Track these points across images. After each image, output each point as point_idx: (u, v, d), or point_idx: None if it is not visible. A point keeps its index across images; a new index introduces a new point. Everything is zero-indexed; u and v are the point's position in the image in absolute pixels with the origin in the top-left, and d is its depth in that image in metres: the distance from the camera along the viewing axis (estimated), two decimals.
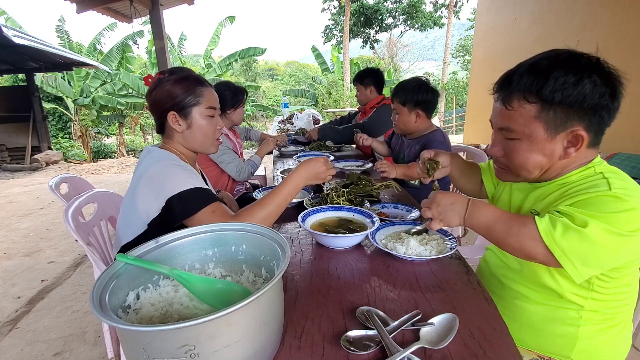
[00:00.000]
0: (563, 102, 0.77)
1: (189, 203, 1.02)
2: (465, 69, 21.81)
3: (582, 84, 0.75)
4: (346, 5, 16.75)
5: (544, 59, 0.80)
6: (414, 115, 1.92)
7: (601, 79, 0.76)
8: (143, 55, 13.58)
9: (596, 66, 0.77)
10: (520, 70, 0.82)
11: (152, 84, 1.17)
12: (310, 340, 0.69)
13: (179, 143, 1.21)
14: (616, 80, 0.77)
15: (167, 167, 1.08)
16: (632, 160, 2.97)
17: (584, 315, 0.86)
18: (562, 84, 0.76)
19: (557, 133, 0.80)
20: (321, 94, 13.94)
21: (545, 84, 0.78)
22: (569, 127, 0.79)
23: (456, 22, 24.34)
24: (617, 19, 3.82)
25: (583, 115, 0.78)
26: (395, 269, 0.96)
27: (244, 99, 2.38)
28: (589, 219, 0.71)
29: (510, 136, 0.86)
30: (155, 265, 0.65)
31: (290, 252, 0.66)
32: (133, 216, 1.07)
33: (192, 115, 1.17)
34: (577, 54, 0.79)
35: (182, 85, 1.15)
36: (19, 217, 4.21)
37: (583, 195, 0.77)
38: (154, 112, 1.19)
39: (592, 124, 0.79)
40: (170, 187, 1.03)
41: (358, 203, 1.39)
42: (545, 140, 0.82)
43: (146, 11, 5.69)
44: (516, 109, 0.82)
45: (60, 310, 2.26)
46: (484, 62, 7.03)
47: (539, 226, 0.75)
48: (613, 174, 0.80)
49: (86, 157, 10.18)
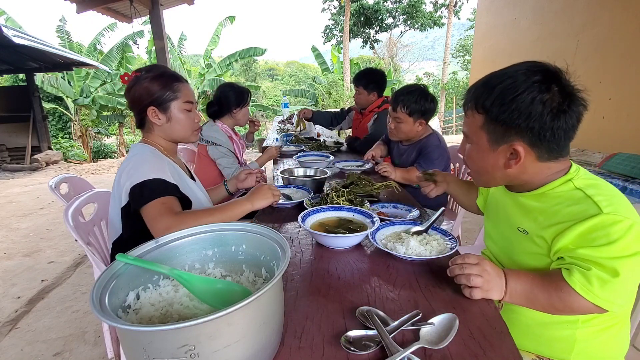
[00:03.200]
0: (499, 117, 0.79)
1: (148, 191, 1.08)
2: (465, 69, 21.82)
3: (518, 100, 0.76)
4: (346, 5, 16.75)
5: (502, 72, 0.82)
6: (418, 124, 1.92)
7: (547, 97, 0.75)
8: (143, 55, 13.57)
9: (547, 84, 0.76)
10: (481, 80, 0.85)
11: (130, 81, 1.23)
12: (310, 340, 0.69)
13: (158, 136, 1.29)
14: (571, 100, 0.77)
15: (138, 159, 1.17)
16: (632, 160, 2.97)
17: (581, 318, 0.86)
18: (500, 98, 0.78)
19: (498, 145, 0.83)
20: (321, 94, 13.93)
21: (488, 96, 0.80)
22: (508, 141, 0.81)
23: (456, 22, 24.36)
24: (617, 19, 3.82)
25: (521, 132, 0.79)
26: (395, 269, 0.96)
27: (248, 98, 2.41)
28: (616, 264, 0.73)
29: (467, 141, 0.92)
30: (155, 265, 0.65)
31: (290, 252, 0.66)
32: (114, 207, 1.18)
33: (171, 109, 1.25)
34: (536, 70, 0.78)
35: (159, 82, 1.22)
36: (19, 217, 4.21)
37: (580, 226, 0.76)
38: (134, 108, 1.26)
39: (533, 142, 0.79)
40: (137, 175, 1.10)
41: (358, 203, 1.39)
42: (488, 150, 0.85)
43: (146, 11, 5.69)
44: (469, 116, 0.87)
45: (60, 310, 2.26)
46: (484, 62, 7.03)
47: (576, 287, 0.75)
48: (593, 189, 0.80)
49: (86, 157, 10.19)
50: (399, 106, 1.89)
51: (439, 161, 1.89)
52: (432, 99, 1.89)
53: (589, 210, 0.76)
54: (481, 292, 0.81)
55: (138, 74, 1.23)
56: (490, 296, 0.81)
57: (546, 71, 0.78)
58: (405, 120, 1.92)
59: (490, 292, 0.81)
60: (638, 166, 2.87)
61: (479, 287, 0.81)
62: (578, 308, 0.77)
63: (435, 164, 1.87)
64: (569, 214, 0.80)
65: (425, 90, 1.92)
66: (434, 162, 1.88)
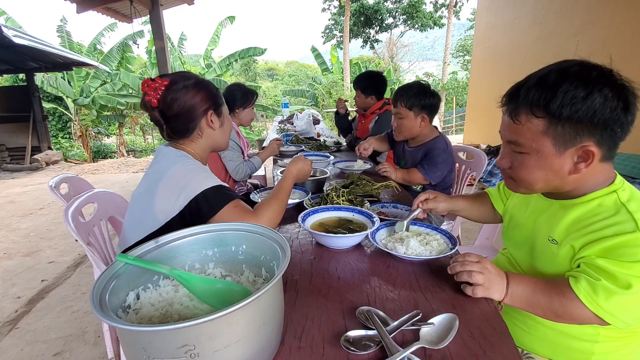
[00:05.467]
0: (572, 117, 0.74)
1: (215, 200, 1.05)
2: (465, 69, 21.80)
3: (591, 98, 0.72)
4: (346, 5, 16.74)
5: (553, 72, 0.77)
6: (419, 119, 1.89)
7: (613, 93, 0.72)
8: (143, 55, 13.58)
9: (608, 79, 0.74)
10: (528, 83, 0.79)
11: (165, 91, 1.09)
12: (310, 340, 0.69)
13: (199, 146, 1.20)
14: (630, 93, 0.74)
15: (188, 168, 1.09)
16: (632, 160, 2.97)
17: (602, 332, 0.84)
18: (570, 98, 0.73)
19: (566, 148, 0.77)
20: (321, 94, 13.94)
21: (553, 98, 0.74)
22: (578, 143, 0.76)
23: (456, 22, 24.35)
24: (617, 19, 3.82)
25: (593, 130, 0.74)
26: (395, 269, 0.96)
27: (253, 100, 2.45)
28: (632, 280, 0.70)
29: (518, 150, 0.83)
30: (155, 265, 0.65)
31: (290, 252, 0.66)
32: (146, 216, 1.06)
33: (223, 112, 1.24)
34: (589, 66, 0.75)
35: (207, 88, 1.17)
36: (19, 217, 4.21)
37: (611, 239, 0.74)
38: (185, 118, 1.13)
39: (603, 139, 0.76)
40: (193, 187, 1.04)
41: (358, 203, 1.39)
42: (553, 156, 0.79)
43: (146, 11, 5.69)
44: (524, 123, 0.79)
45: (60, 310, 2.26)
46: (484, 62, 7.03)
47: (580, 295, 0.74)
48: (635, 204, 0.76)
49: (86, 157, 10.19)
50: (399, 101, 1.89)
51: (442, 165, 1.87)
52: (432, 94, 1.87)
53: (626, 227, 0.74)
54: (482, 290, 0.80)
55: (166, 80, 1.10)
56: (491, 295, 0.81)
57: (597, 67, 0.75)
58: (406, 116, 1.90)
59: (491, 290, 0.81)
60: (638, 166, 2.87)
61: (480, 285, 0.80)
62: (579, 316, 0.76)
63: (438, 167, 1.86)
64: (604, 226, 0.77)
65: (424, 85, 1.90)
66: (438, 165, 1.86)
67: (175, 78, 1.13)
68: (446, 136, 2.02)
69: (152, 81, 1.10)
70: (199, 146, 1.20)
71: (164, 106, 1.11)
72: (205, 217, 1.05)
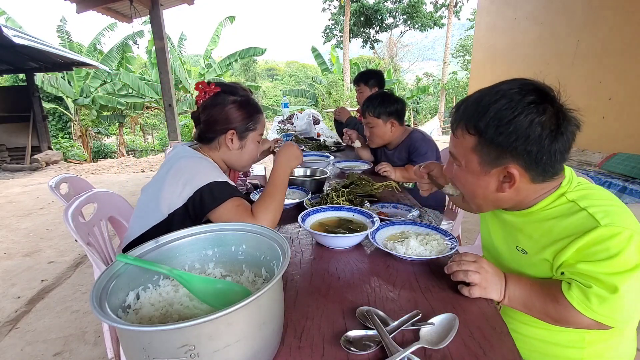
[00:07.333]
0: (494, 139, 0.75)
1: (219, 193, 1.06)
2: (465, 69, 21.78)
3: (514, 122, 0.72)
4: (346, 5, 16.75)
5: (493, 91, 0.77)
6: (389, 125, 2.00)
7: (540, 119, 0.72)
8: (143, 55, 13.58)
9: (541, 105, 0.73)
10: (470, 99, 0.81)
11: (210, 97, 1.19)
12: (310, 340, 0.69)
13: (220, 157, 1.25)
14: (564, 121, 0.73)
15: (197, 161, 1.13)
16: (632, 160, 2.97)
17: (587, 337, 0.84)
18: (497, 119, 0.73)
19: (490, 168, 0.79)
20: (321, 94, 13.94)
21: (482, 117, 0.75)
22: (502, 164, 0.77)
23: (456, 22, 24.31)
24: (617, 19, 3.82)
25: (517, 154, 0.75)
26: (395, 269, 0.96)
27: None
28: (615, 281, 0.70)
29: (455, 162, 0.87)
30: (155, 265, 0.65)
31: (290, 252, 0.66)
32: (152, 206, 1.09)
33: (248, 138, 1.25)
34: (529, 89, 0.74)
35: (247, 110, 1.21)
36: (19, 217, 4.21)
37: (578, 241, 0.74)
38: (209, 126, 1.21)
39: (529, 164, 0.75)
40: (200, 178, 1.07)
41: (358, 203, 1.39)
42: (479, 173, 0.81)
43: (146, 11, 5.70)
44: (459, 137, 0.82)
45: (60, 310, 2.26)
46: (484, 62, 7.03)
47: (573, 303, 0.73)
48: (586, 200, 0.77)
49: (86, 157, 10.19)
50: (367, 112, 2.01)
51: (430, 153, 1.96)
52: (396, 100, 2.00)
53: (586, 224, 0.74)
54: (479, 290, 0.80)
55: (217, 89, 1.19)
56: (489, 295, 0.80)
57: (540, 90, 0.74)
58: (375, 124, 2.02)
59: (488, 290, 0.80)
60: (638, 166, 2.87)
61: (476, 285, 0.80)
62: (575, 322, 0.75)
63: (427, 156, 1.93)
64: (565, 229, 0.77)
65: (388, 93, 2.06)
66: (426, 154, 1.94)
67: (224, 89, 1.20)
68: (418, 127, 2.09)
69: (207, 85, 1.19)
70: (215, 156, 1.25)
71: (201, 109, 1.21)
72: (207, 208, 1.06)
